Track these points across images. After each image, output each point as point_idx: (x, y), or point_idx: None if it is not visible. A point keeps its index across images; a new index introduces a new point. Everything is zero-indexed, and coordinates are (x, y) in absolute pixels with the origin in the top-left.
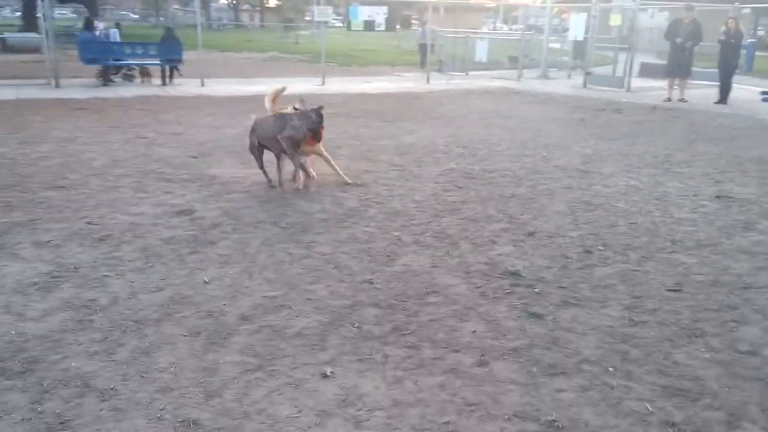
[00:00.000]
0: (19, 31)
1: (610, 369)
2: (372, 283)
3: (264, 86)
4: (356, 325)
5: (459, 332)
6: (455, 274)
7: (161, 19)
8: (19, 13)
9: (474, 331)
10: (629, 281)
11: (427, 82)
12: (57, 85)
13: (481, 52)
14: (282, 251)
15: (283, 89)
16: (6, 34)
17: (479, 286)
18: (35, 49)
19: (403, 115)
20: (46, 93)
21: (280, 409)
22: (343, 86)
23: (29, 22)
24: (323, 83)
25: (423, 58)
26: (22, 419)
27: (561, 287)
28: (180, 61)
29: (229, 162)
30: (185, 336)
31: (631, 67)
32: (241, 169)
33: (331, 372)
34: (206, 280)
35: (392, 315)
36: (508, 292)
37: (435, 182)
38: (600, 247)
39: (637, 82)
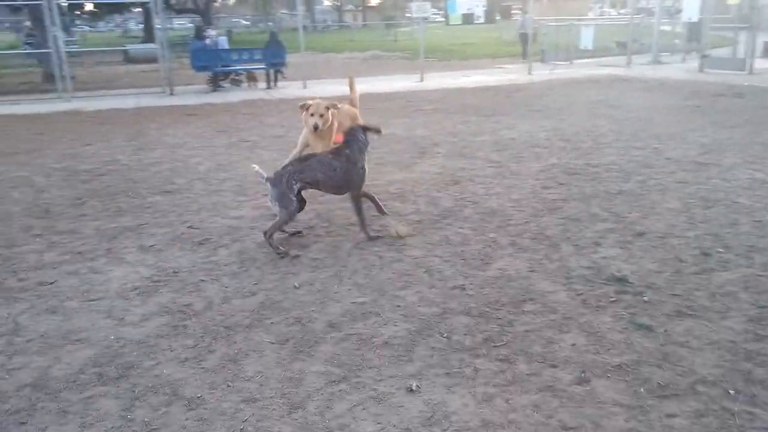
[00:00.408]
0: (141, 43)
1: (731, 392)
2: (464, 289)
3: (364, 85)
4: (445, 335)
5: (557, 345)
6: (554, 280)
7: (270, 24)
8: (142, 25)
9: (574, 344)
10: (754, 288)
11: (529, 73)
12: (171, 93)
13: (587, 39)
14: (373, 255)
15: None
16: (128, 46)
17: (581, 294)
18: (154, 59)
19: (503, 109)
20: (161, 100)
21: (363, 425)
22: (442, 81)
23: (150, 33)
24: (422, 79)
25: (524, 48)
26: (112, 427)
27: (674, 295)
28: (283, 64)
29: None
30: (273, 343)
31: (753, 48)
32: None
33: (417, 386)
34: (297, 285)
35: (484, 324)
36: (614, 301)
37: (535, 179)
38: (719, 249)
39: (760, 64)
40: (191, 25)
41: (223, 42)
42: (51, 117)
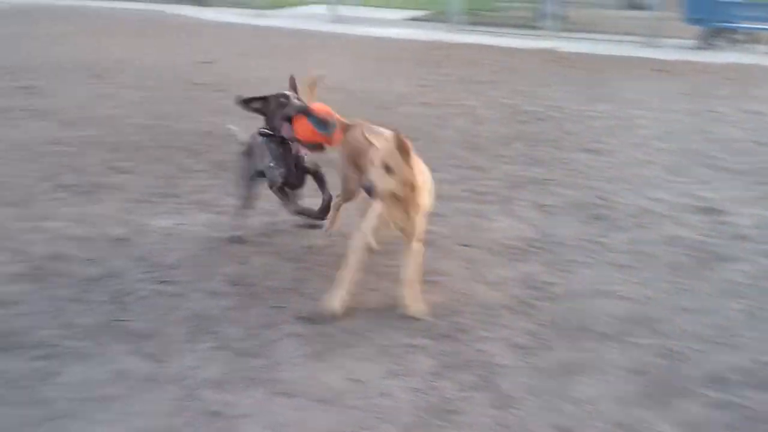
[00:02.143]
0: None
1: None
2: None
3: None
4: None
5: None
6: None
7: None
8: None
9: None
10: None
11: None
12: (651, 44)
13: None
14: None
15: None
16: None
17: None
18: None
19: None
20: (635, 51)
21: None
22: None
23: None
24: None
25: None
26: (414, 388)
27: None
28: None
29: None
30: (622, 369)
31: None
32: None
33: None
34: (685, 306)
35: None
36: None
37: None
38: None
39: None
40: None
41: None
42: (525, 53)
